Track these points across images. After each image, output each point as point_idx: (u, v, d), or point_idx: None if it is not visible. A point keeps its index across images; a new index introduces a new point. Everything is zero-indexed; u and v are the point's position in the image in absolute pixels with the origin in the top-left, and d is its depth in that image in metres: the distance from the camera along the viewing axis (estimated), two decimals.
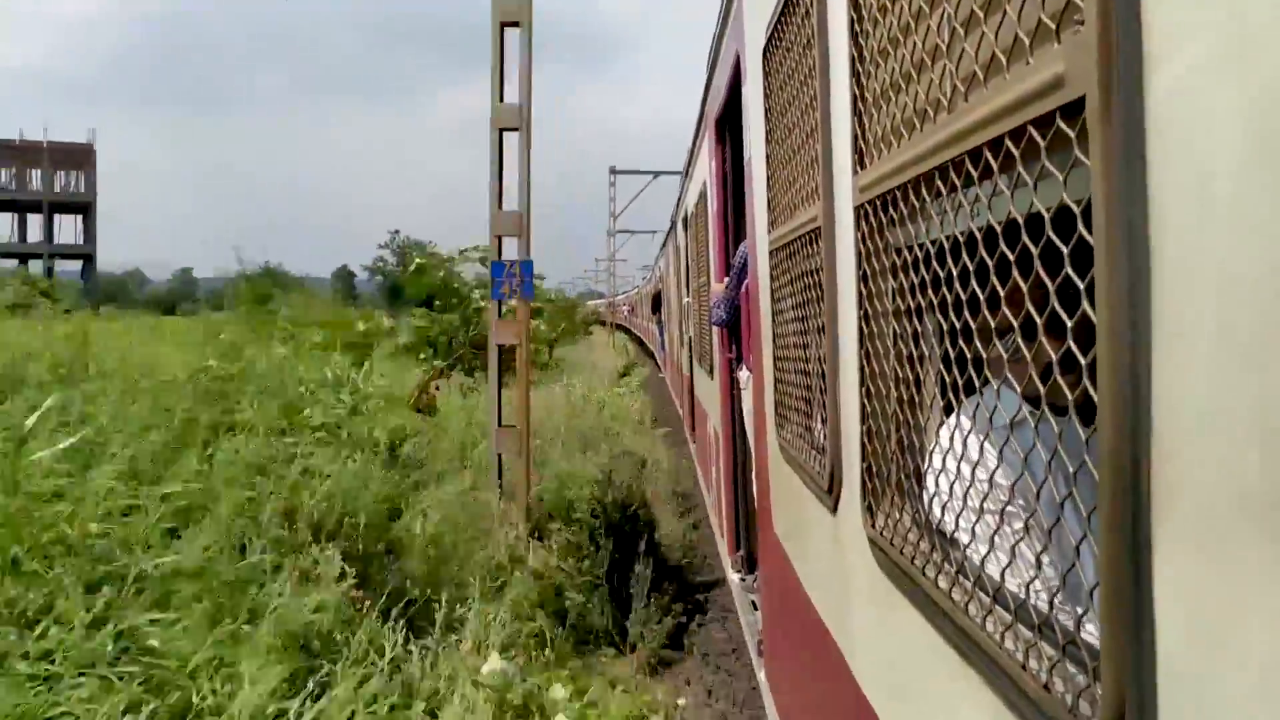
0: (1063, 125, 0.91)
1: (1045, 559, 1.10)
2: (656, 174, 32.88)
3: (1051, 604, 1.05)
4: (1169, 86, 0.78)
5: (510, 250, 7.73)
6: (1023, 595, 1.14)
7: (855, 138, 1.79)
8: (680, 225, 10.76)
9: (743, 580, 5.87)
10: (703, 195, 7.00)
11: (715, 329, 6.02)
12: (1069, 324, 0.92)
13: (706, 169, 6.47)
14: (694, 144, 7.88)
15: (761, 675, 4.26)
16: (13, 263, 59.35)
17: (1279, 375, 0.66)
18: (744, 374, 5.04)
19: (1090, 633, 0.97)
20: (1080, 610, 0.99)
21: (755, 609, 5.15)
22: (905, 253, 1.57)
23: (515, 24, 7.52)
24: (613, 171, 35.11)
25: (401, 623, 4.97)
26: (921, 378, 1.63)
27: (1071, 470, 0.97)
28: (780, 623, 3.48)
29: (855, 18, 1.77)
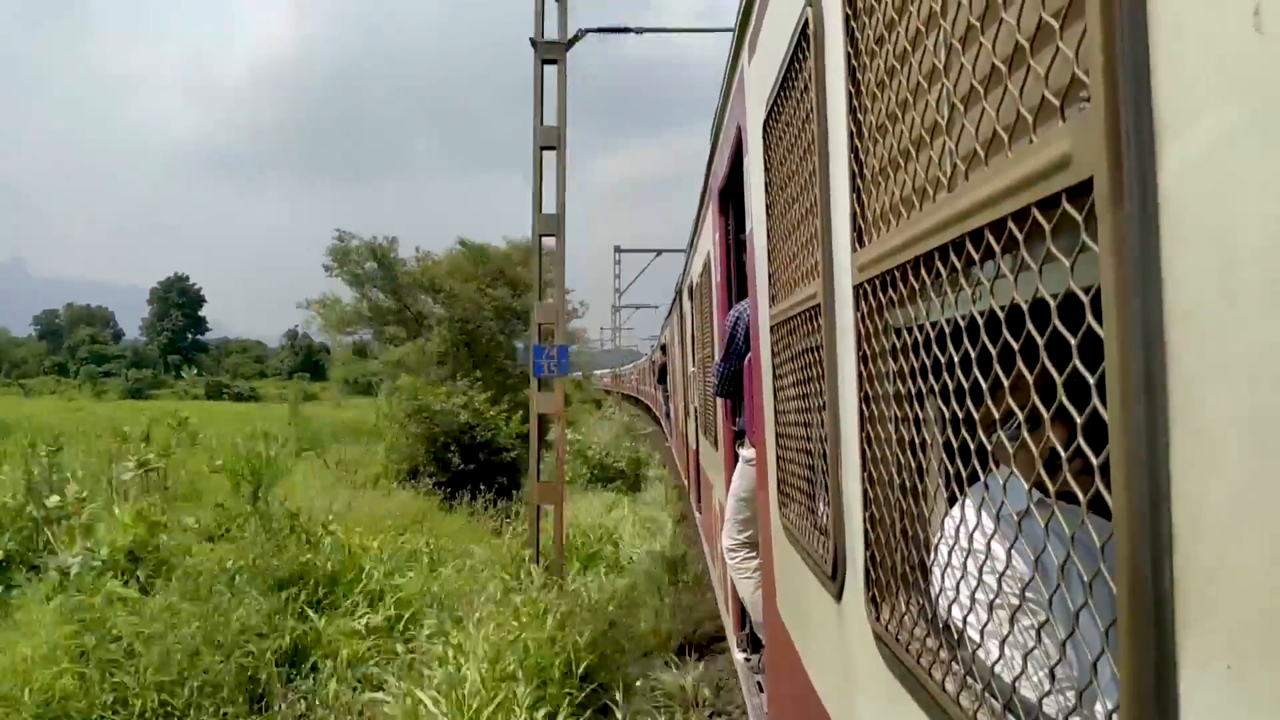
0: (1069, 208, 0.85)
1: (1060, 669, 1.02)
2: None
3: (1069, 718, 0.97)
4: (1185, 164, 0.72)
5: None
6: (1037, 706, 1.05)
7: (854, 215, 1.74)
8: (685, 295, 10.76)
9: (747, 659, 5.70)
10: (706, 266, 6.99)
11: (719, 400, 5.93)
12: (1079, 420, 0.86)
13: (710, 240, 6.46)
14: (698, 215, 7.90)
15: None
16: None
17: None
18: (746, 450, 4.92)
19: None
20: None
21: (761, 690, 4.99)
22: (906, 334, 1.51)
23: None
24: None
25: None
26: (925, 465, 1.56)
27: (1087, 577, 0.89)
28: (786, 709, 3.34)
29: (854, 92, 1.74)
